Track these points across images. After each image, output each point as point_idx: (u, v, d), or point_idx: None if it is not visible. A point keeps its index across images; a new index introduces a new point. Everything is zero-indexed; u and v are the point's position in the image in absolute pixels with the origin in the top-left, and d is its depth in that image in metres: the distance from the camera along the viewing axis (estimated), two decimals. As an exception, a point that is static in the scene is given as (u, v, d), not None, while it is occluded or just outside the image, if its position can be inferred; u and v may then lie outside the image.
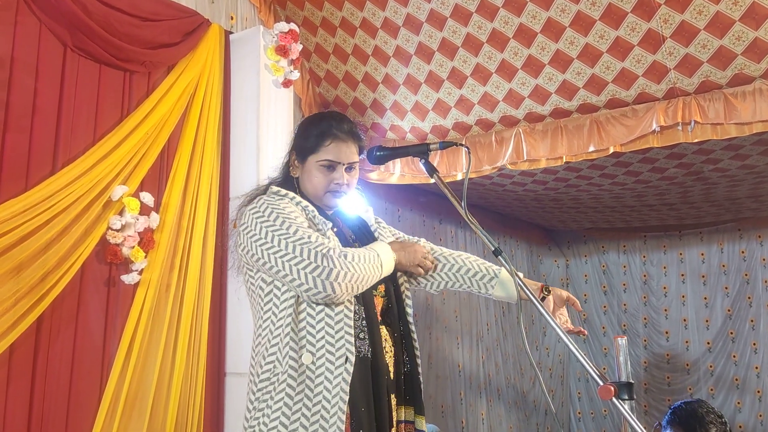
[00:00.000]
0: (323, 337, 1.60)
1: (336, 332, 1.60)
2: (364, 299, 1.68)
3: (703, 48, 3.22)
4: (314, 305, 1.61)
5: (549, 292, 1.84)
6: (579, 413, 6.98)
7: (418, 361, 1.76)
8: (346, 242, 1.74)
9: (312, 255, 1.55)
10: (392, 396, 1.69)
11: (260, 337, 1.66)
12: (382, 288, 1.76)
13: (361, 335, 1.66)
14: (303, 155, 1.78)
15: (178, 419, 2.80)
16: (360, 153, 1.82)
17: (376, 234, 1.86)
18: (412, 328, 1.78)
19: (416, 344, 1.77)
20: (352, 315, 1.63)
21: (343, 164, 1.76)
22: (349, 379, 1.56)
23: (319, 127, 1.78)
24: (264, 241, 1.61)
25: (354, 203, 1.94)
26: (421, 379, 1.76)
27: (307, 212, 1.70)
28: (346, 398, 1.55)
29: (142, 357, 2.73)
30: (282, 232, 1.59)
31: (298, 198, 1.73)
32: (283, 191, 1.73)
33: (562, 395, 6.98)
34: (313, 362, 1.59)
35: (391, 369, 1.70)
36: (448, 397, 5.44)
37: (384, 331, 1.72)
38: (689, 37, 3.21)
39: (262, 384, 1.60)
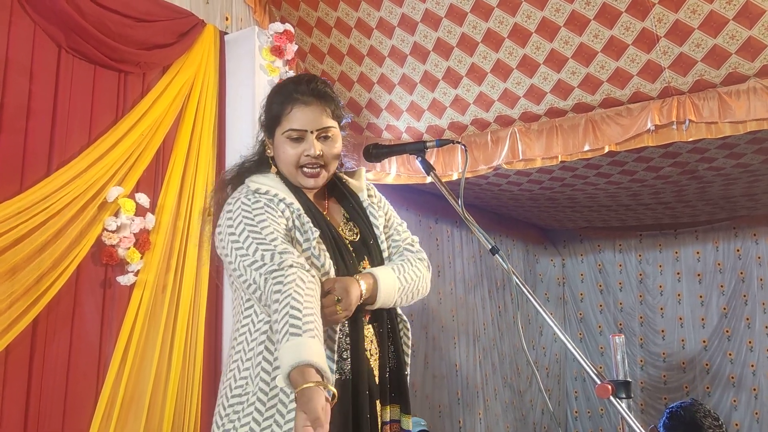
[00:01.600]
0: None
1: None
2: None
3: (697, 47, 3.23)
4: None
5: None
6: (576, 412, 6.99)
7: (406, 357, 1.62)
8: (336, 245, 1.56)
9: (258, 279, 1.41)
10: (376, 402, 1.54)
11: (236, 348, 1.53)
12: None
13: (344, 354, 1.51)
14: (270, 130, 1.61)
15: (174, 420, 2.79)
16: (335, 117, 1.60)
17: (368, 212, 1.68)
18: (403, 318, 1.66)
19: (406, 338, 1.64)
20: (336, 336, 1.48)
21: (311, 131, 1.56)
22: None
23: (281, 94, 1.60)
24: (230, 260, 1.48)
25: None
26: (408, 373, 1.62)
27: (292, 210, 1.54)
28: None
29: (138, 358, 2.72)
30: (243, 253, 1.45)
31: (283, 193, 1.55)
32: (264, 188, 1.55)
33: (559, 394, 6.99)
34: (287, 385, 1.38)
35: (376, 372, 1.55)
36: (444, 397, 5.44)
37: (370, 330, 1.57)
38: (683, 37, 3.22)
39: (233, 400, 1.47)
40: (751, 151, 4.14)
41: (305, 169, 1.57)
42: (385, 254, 1.66)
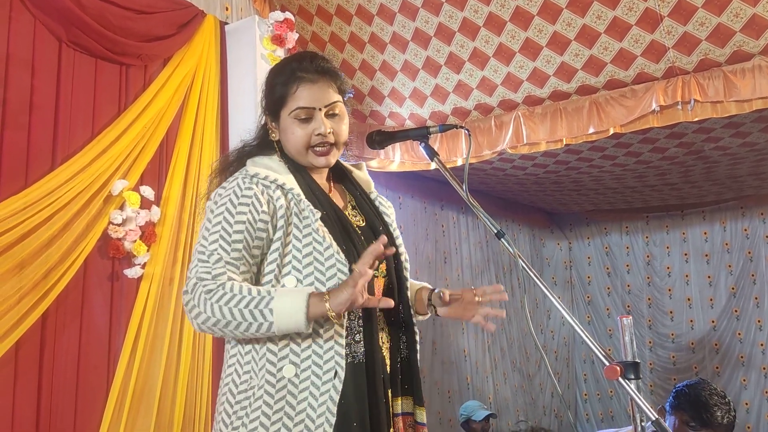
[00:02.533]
0: (309, 346, 1.40)
1: (325, 341, 1.40)
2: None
3: (701, 26, 3.19)
4: None
5: (432, 303, 1.66)
6: (585, 394, 7.00)
7: (417, 346, 1.58)
8: (343, 226, 1.52)
9: (191, 278, 1.40)
10: (388, 392, 1.50)
11: (231, 342, 1.48)
12: (383, 267, 1.56)
13: (357, 336, 1.46)
14: (275, 112, 1.56)
15: (186, 412, 2.81)
16: (341, 93, 1.57)
17: (376, 203, 1.66)
18: (412, 310, 1.63)
19: (416, 327, 1.60)
20: (345, 317, 1.43)
21: (320, 108, 1.51)
22: (337, 397, 1.37)
23: (283, 74, 1.54)
24: (201, 229, 1.48)
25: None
26: (419, 364, 1.58)
27: (291, 196, 1.48)
28: (333, 420, 1.36)
29: (147, 351, 2.73)
30: (204, 238, 1.43)
31: (283, 177, 1.50)
32: (264, 172, 1.49)
33: (568, 377, 7.00)
34: (296, 375, 1.39)
35: (388, 361, 1.52)
36: (454, 383, 5.46)
37: (381, 319, 1.52)
38: (687, 16, 3.18)
39: (240, 396, 1.41)
40: (757, 130, 4.10)
41: (317, 149, 1.52)
42: (399, 242, 1.63)
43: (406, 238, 5.28)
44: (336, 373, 1.38)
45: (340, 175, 1.69)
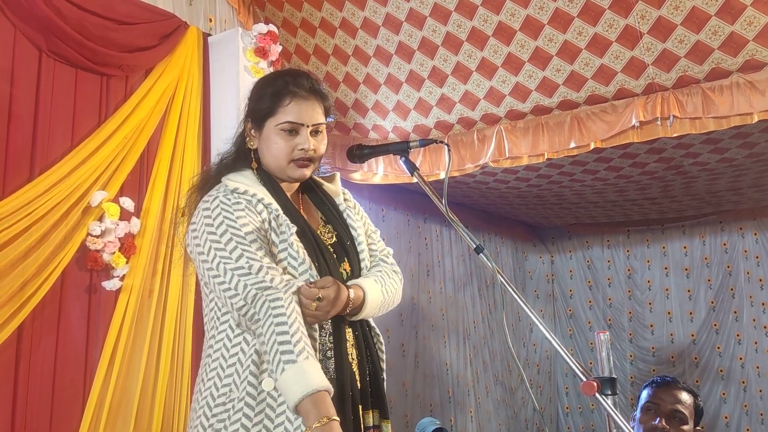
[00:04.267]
0: None
1: None
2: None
3: (680, 43, 3.24)
4: None
5: None
6: (567, 408, 7.01)
7: (382, 363, 1.60)
8: (316, 243, 1.54)
9: (242, 289, 1.39)
10: (359, 407, 1.52)
11: (213, 356, 1.47)
12: (348, 273, 1.59)
13: (328, 353, 1.48)
14: (259, 121, 1.56)
15: (164, 425, 2.77)
16: (326, 115, 1.61)
17: (345, 215, 1.67)
18: (372, 324, 1.63)
19: (379, 344, 1.62)
20: (317, 335, 1.45)
21: (307, 126, 1.54)
22: None
23: (275, 86, 1.56)
24: (206, 259, 1.44)
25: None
26: (384, 377, 1.60)
27: (270, 211, 1.50)
28: None
29: (125, 364, 2.70)
30: (224, 255, 1.42)
31: (261, 193, 1.51)
32: (243, 187, 1.50)
33: (550, 391, 7.01)
34: (275, 388, 1.38)
35: (357, 377, 1.53)
36: (436, 396, 5.44)
37: (350, 334, 1.55)
38: (666, 33, 3.24)
39: (218, 409, 1.41)
40: (735, 146, 4.16)
41: (296, 163, 1.55)
42: (362, 256, 1.64)
43: (389, 251, 5.31)
44: None
45: (308, 188, 1.70)
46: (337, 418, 1.30)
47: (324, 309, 1.44)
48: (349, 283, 1.54)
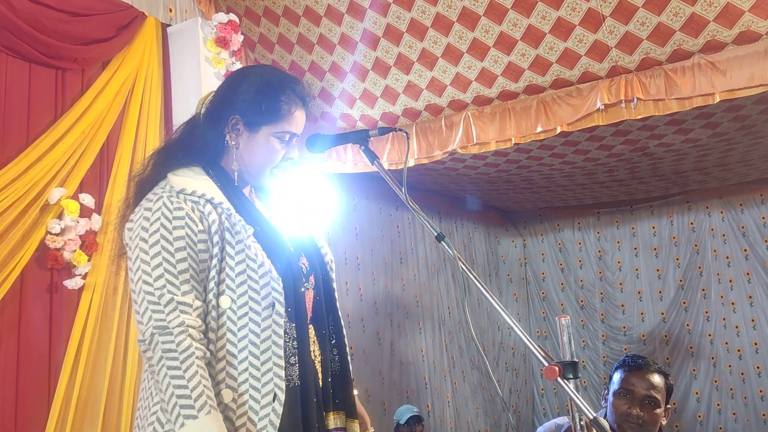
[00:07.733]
0: (246, 369, 1.34)
1: (263, 363, 1.34)
2: (296, 310, 1.44)
3: (642, 25, 3.26)
4: (237, 329, 1.35)
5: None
6: (542, 389, 7.11)
7: (349, 358, 1.57)
8: (276, 241, 1.48)
9: (146, 326, 1.32)
10: (322, 412, 1.47)
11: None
12: (312, 278, 1.54)
13: (292, 359, 1.41)
14: (255, 123, 1.49)
15: (132, 423, 2.73)
16: None
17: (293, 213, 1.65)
18: (340, 319, 1.59)
19: (346, 339, 1.58)
20: (281, 340, 1.37)
21: (297, 136, 1.56)
22: (277, 421, 1.32)
23: (281, 91, 1.50)
24: (131, 267, 1.38)
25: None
26: (351, 377, 1.56)
27: (221, 210, 1.41)
28: None
29: (91, 363, 2.65)
30: (146, 270, 1.34)
31: (211, 192, 1.42)
32: (190, 187, 1.41)
33: (525, 373, 7.09)
34: (234, 400, 1.33)
35: (320, 376, 1.48)
36: (412, 383, 5.47)
37: (311, 331, 1.49)
38: (628, 15, 3.25)
39: (168, 426, 1.29)
40: (699, 126, 4.21)
41: (277, 169, 1.54)
42: (323, 250, 1.62)
43: (362, 239, 5.30)
44: (275, 396, 1.34)
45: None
46: None
47: None
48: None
